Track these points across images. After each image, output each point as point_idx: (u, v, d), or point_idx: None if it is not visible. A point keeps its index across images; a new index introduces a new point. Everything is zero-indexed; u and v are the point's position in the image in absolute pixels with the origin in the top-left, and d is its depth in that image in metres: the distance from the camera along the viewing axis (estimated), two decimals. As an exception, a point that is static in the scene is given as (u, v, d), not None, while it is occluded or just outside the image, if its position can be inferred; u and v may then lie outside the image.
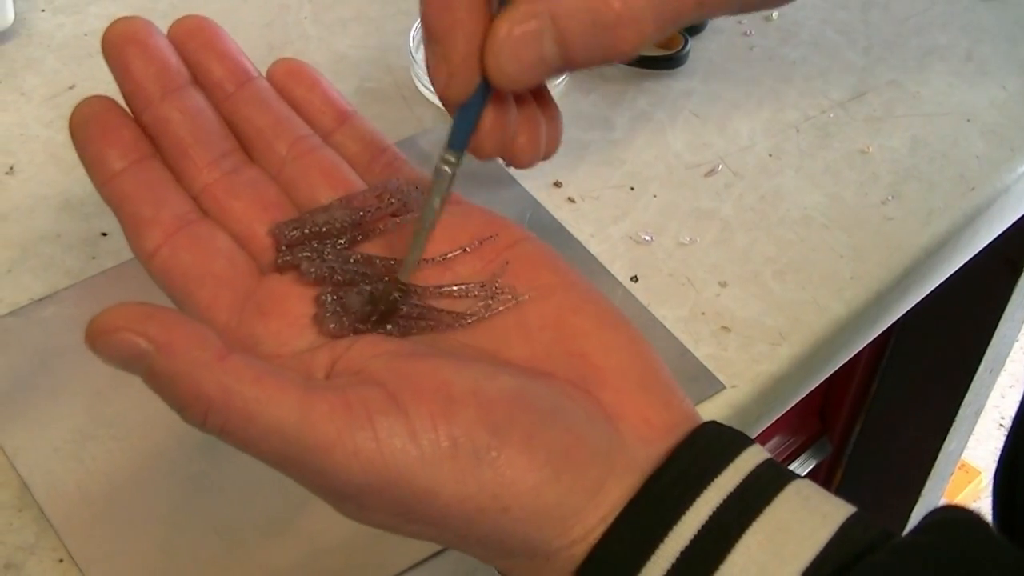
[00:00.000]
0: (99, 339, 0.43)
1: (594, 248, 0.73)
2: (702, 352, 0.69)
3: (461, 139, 0.51)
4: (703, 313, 0.71)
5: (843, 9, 0.91)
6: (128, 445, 0.62)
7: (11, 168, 0.74)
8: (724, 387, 0.67)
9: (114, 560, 0.58)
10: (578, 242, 0.73)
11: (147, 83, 0.52)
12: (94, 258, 0.70)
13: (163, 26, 0.73)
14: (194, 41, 0.54)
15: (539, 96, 0.54)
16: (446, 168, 0.52)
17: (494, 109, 0.51)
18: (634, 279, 0.72)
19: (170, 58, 0.53)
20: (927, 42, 0.89)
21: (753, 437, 0.71)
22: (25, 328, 0.67)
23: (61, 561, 0.58)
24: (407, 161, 0.57)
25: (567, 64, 0.49)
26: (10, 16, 0.81)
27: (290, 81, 0.57)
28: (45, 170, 0.74)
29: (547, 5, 0.47)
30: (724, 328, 0.70)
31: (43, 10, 0.84)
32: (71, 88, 0.79)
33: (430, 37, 0.49)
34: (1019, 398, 0.68)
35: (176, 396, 0.43)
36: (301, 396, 0.43)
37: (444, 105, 0.51)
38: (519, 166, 0.54)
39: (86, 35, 0.82)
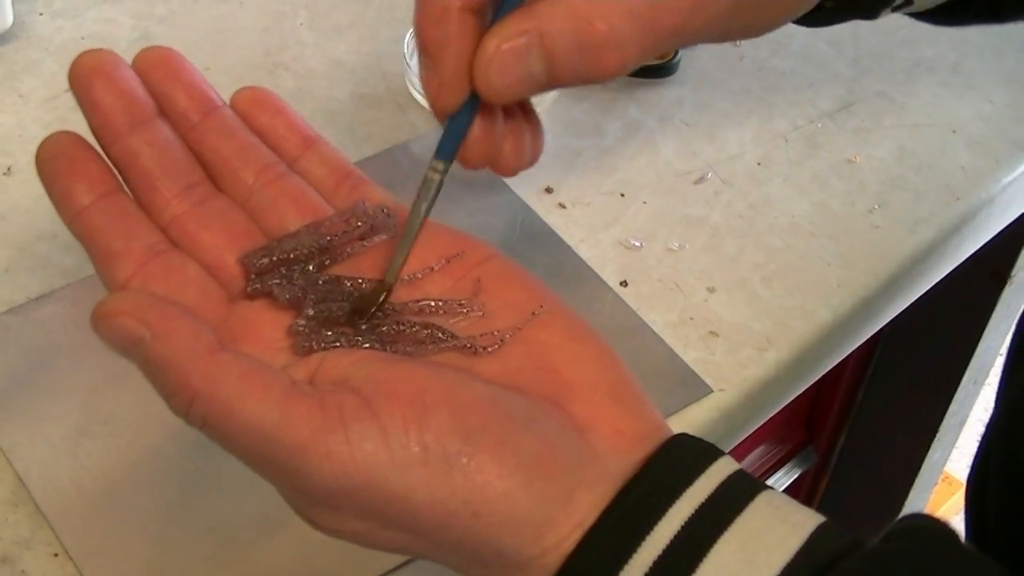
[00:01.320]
0: (102, 321, 0.45)
1: (584, 253, 0.74)
2: (690, 356, 0.70)
3: (450, 149, 0.52)
4: (692, 318, 0.72)
5: (832, 21, 0.92)
6: (124, 442, 0.63)
7: (9, 169, 0.75)
8: (712, 391, 0.68)
9: (109, 555, 0.59)
10: (568, 247, 0.74)
11: (115, 116, 0.52)
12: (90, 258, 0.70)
13: (161, 32, 0.74)
14: (159, 72, 0.54)
15: (523, 107, 0.55)
16: (435, 176, 0.53)
17: (482, 121, 0.52)
18: (624, 284, 0.73)
19: (137, 90, 0.53)
20: (914, 54, 0.90)
21: (740, 441, 0.73)
22: (22, 326, 0.67)
23: (56, 556, 0.59)
24: (373, 184, 0.57)
25: (553, 81, 0.50)
26: (9, 19, 0.81)
27: (254, 109, 0.57)
28: (43, 171, 0.75)
29: (536, 23, 0.49)
30: (712, 333, 0.71)
31: (41, 14, 0.84)
32: (68, 91, 0.79)
33: (423, 49, 0.50)
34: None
35: (166, 383, 0.44)
36: (281, 397, 0.44)
37: (435, 115, 0.52)
38: (504, 174, 0.55)
39: (84, 39, 0.83)
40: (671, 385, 0.68)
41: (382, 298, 0.52)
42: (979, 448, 0.66)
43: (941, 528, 0.48)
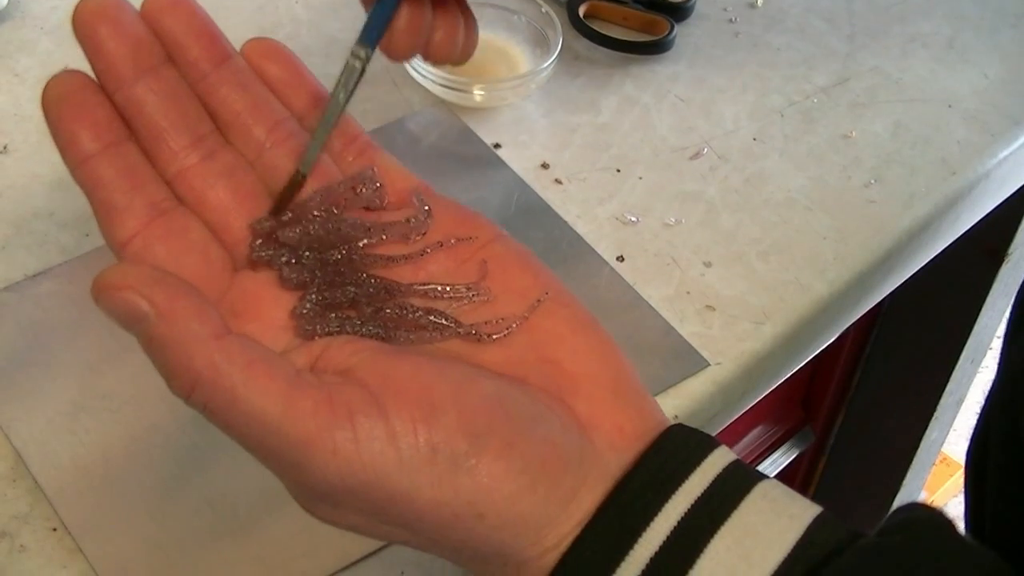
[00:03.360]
0: (104, 294, 0.43)
1: (581, 228, 0.74)
2: (687, 330, 0.70)
3: (373, 35, 0.51)
4: (688, 292, 0.72)
5: (827, -3, 0.92)
6: (121, 417, 0.63)
7: (5, 147, 0.75)
8: (708, 364, 0.68)
9: (107, 529, 0.59)
10: (565, 222, 0.74)
11: (120, 62, 0.49)
12: (87, 235, 0.70)
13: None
14: (170, 17, 0.51)
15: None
16: (355, 63, 0.52)
17: (409, 8, 0.51)
18: (620, 259, 0.73)
19: (143, 35, 0.50)
20: (910, 29, 0.90)
21: (737, 416, 0.73)
22: (20, 303, 0.67)
23: (55, 530, 0.59)
24: (380, 148, 0.56)
25: None
26: (4, -2, 0.82)
27: (265, 61, 0.54)
28: (39, 149, 0.75)
29: None
30: (709, 307, 0.71)
31: (36, -7, 0.85)
32: (64, 69, 0.79)
33: None
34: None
35: (167, 364, 0.43)
36: (287, 388, 0.43)
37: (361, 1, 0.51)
38: (434, 62, 0.53)
39: (79, 18, 0.83)
40: (668, 359, 0.68)
41: (297, 189, 0.51)
42: (979, 419, 0.66)
43: (937, 519, 0.47)
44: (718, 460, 0.47)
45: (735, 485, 0.46)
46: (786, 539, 0.45)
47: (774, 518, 0.45)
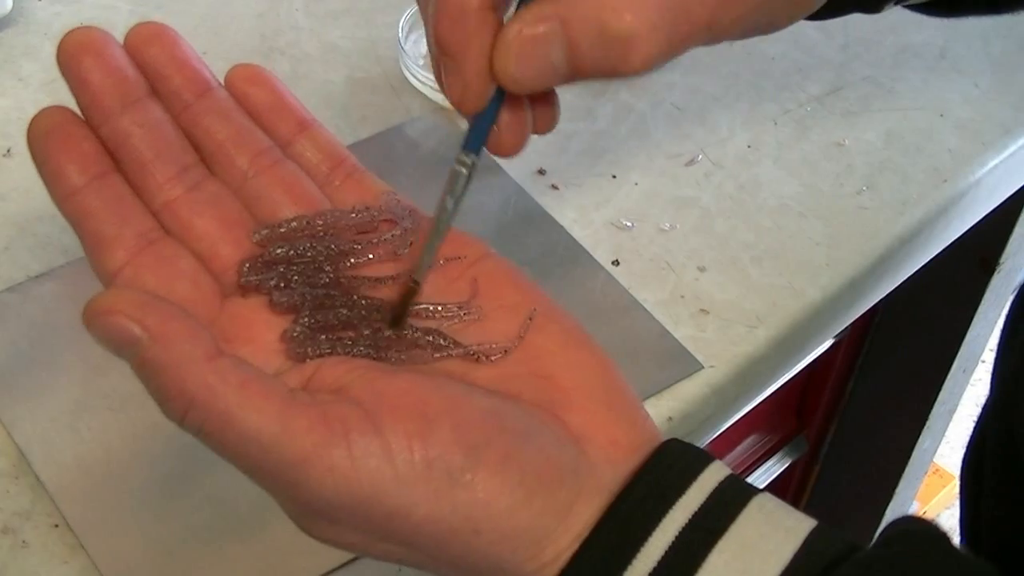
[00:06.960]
0: (95, 319, 0.44)
1: (577, 233, 0.75)
2: (681, 333, 0.71)
3: (477, 142, 0.51)
4: (682, 296, 0.72)
5: (821, 8, 0.93)
6: (123, 416, 0.64)
7: (8, 150, 0.76)
8: (703, 367, 0.69)
9: (108, 526, 0.60)
10: (561, 227, 0.75)
11: (105, 96, 0.50)
12: (89, 238, 0.71)
13: (158, 18, 0.74)
14: (152, 49, 0.52)
15: None
16: (462, 169, 0.51)
17: (510, 109, 0.50)
18: (616, 263, 0.74)
19: (127, 69, 0.51)
20: (902, 40, 0.91)
21: (732, 420, 0.73)
22: (22, 304, 0.68)
23: (56, 526, 0.60)
24: (368, 173, 0.56)
25: (575, 72, 0.48)
26: (8, 4, 0.82)
27: (249, 87, 0.55)
28: (42, 153, 0.76)
29: (557, 10, 0.47)
30: (703, 311, 0.72)
31: (40, -1, 0.86)
32: (67, 74, 0.80)
33: (442, 51, 0.49)
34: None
35: (160, 388, 0.43)
36: (282, 407, 0.43)
37: (461, 113, 0.51)
38: (537, 133, 0.54)
39: (82, 24, 0.83)
40: (663, 361, 0.69)
41: (413, 298, 0.51)
42: (975, 427, 0.66)
43: (933, 531, 0.48)
44: (714, 474, 0.48)
45: (732, 499, 0.47)
46: (784, 552, 0.45)
47: (771, 531, 0.46)
